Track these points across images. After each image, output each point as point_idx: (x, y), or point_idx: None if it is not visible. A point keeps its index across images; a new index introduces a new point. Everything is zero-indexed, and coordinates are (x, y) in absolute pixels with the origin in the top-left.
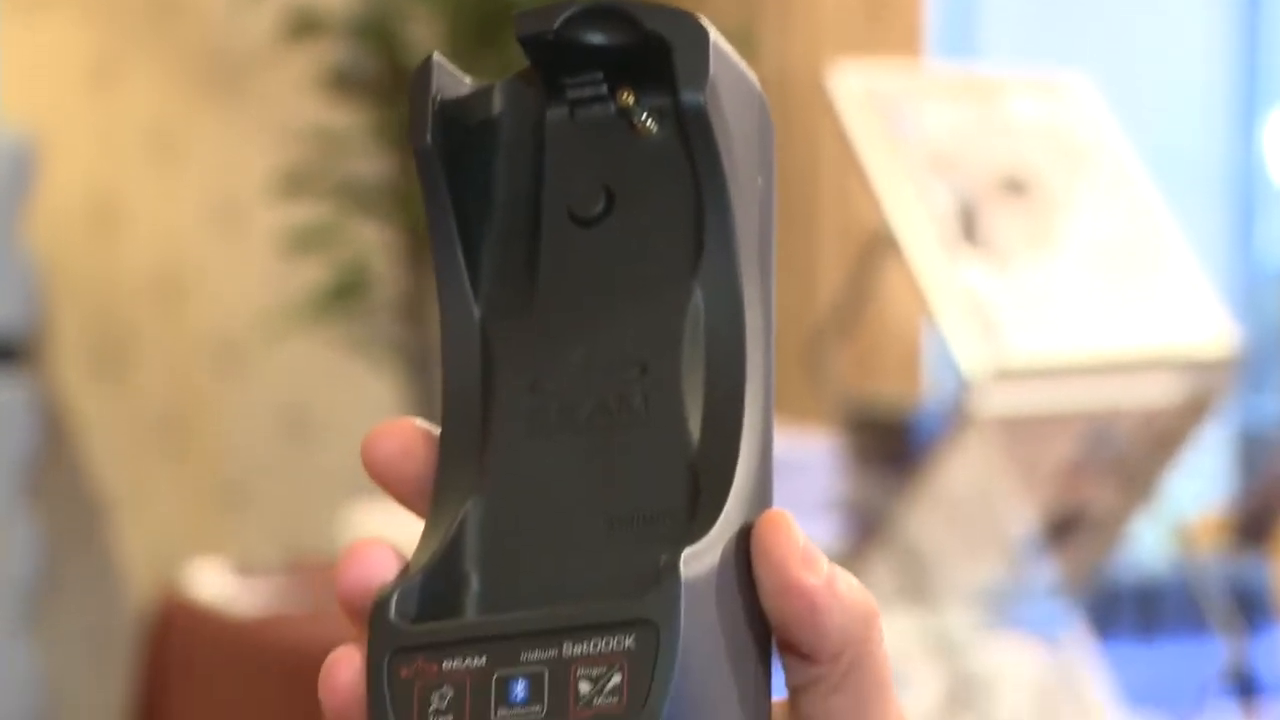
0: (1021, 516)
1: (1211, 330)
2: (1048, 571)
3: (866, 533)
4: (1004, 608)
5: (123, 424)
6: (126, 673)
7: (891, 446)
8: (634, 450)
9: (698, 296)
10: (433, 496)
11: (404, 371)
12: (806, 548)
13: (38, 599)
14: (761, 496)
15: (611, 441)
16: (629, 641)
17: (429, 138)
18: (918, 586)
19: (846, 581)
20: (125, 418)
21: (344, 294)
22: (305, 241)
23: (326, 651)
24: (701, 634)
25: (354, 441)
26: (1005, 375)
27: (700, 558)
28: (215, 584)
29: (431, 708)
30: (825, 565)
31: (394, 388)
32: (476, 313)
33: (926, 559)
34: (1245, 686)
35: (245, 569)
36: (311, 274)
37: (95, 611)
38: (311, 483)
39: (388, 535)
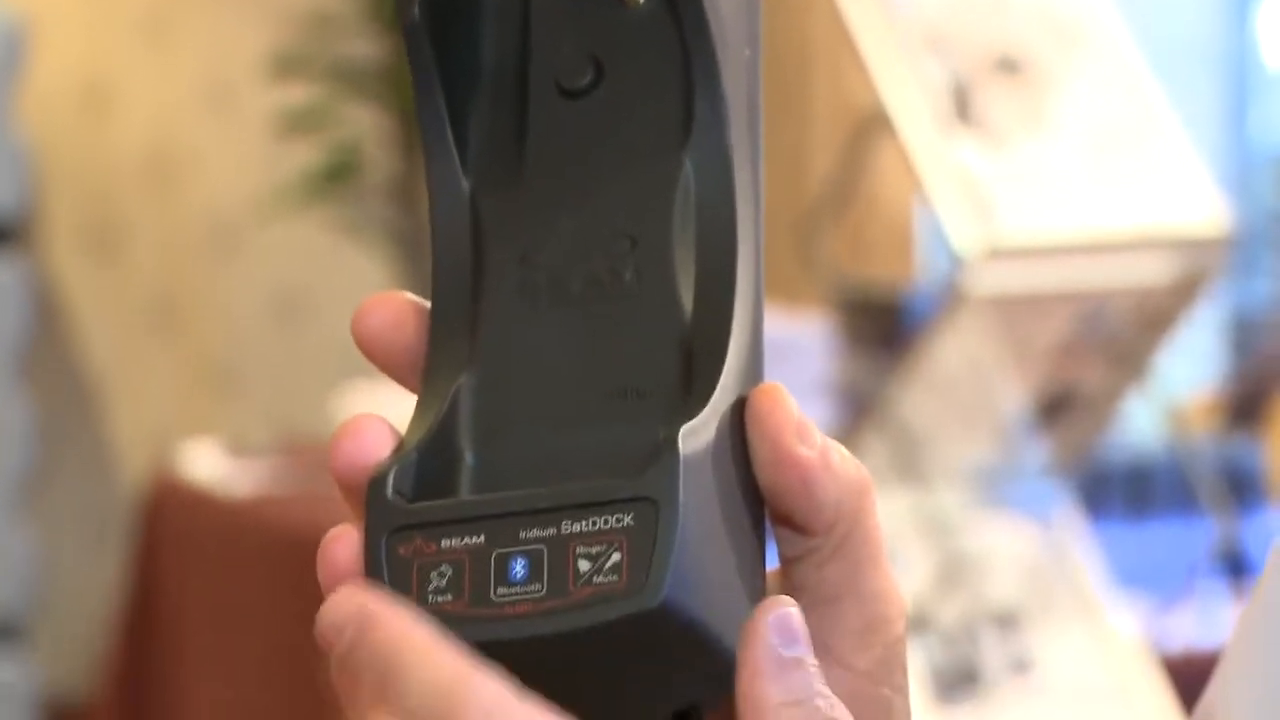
0: (1013, 396)
1: (1204, 210)
2: (1039, 451)
3: (859, 413)
4: (995, 487)
5: (115, 306)
6: (121, 554)
7: (884, 327)
8: (626, 324)
9: (687, 168)
10: (424, 372)
11: (396, 254)
12: (801, 420)
13: (32, 481)
14: (755, 370)
15: (603, 315)
16: (628, 519)
17: (415, 12)
18: (909, 466)
19: (840, 454)
20: (118, 300)
21: (336, 176)
22: (297, 123)
23: (321, 532)
24: (700, 509)
25: (346, 324)
26: (998, 254)
27: (697, 433)
28: (209, 465)
29: (430, 586)
30: (819, 438)
31: (386, 270)
32: (465, 186)
33: (918, 439)
34: (1236, 567)
35: (238, 450)
36: (304, 156)
37: (89, 494)
38: (304, 365)
39: (383, 413)
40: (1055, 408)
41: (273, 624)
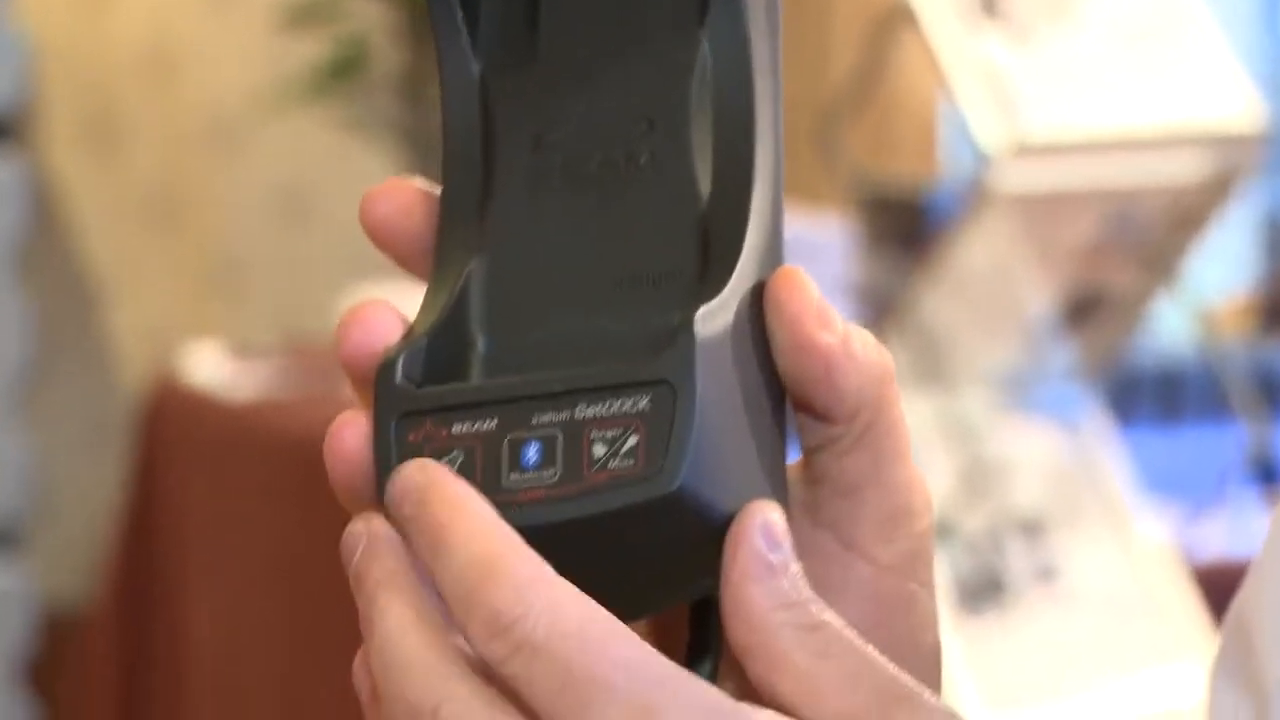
0: (1039, 298)
1: (1238, 106)
2: (1066, 355)
3: (880, 315)
4: (1021, 391)
5: (114, 204)
6: (120, 459)
7: (906, 226)
8: (642, 207)
9: (705, 48)
10: (434, 257)
11: (403, 151)
12: (821, 305)
13: (29, 383)
14: (774, 254)
15: (618, 198)
16: (644, 403)
17: None
18: (933, 370)
19: (862, 339)
20: (117, 197)
21: (341, 71)
22: (302, 16)
23: (325, 437)
24: (717, 394)
25: (352, 223)
26: (1024, 151)
27: (714, 316)
28: (211, 367)
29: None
30: (840, 323)
31: (393, 168)
32: (475, 67)
33: (942, 341)
34: (1267, 473)
35: (241, 352)
36: (308, 50)
37: (87, 396)
38: (309, 264)
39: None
40: (1083, 310)
41: (276, 530)
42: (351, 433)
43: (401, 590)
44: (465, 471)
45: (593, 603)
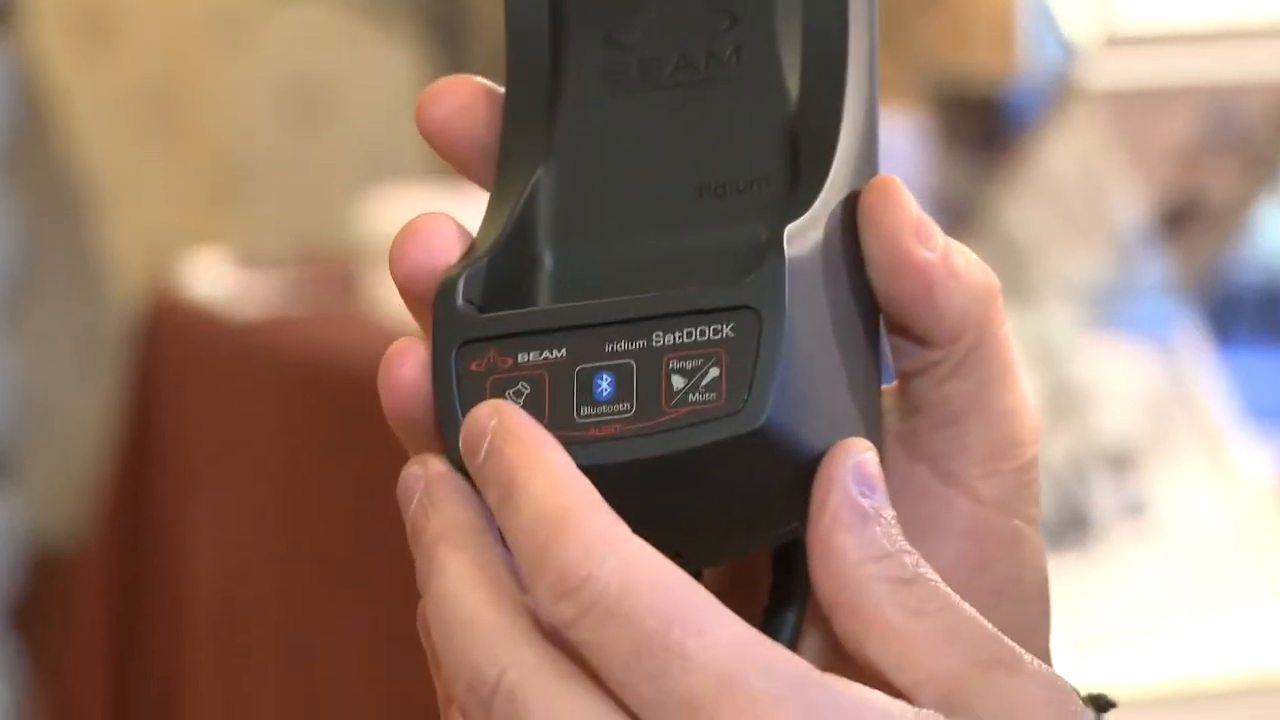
0: (1130, 204)
1: None
2: (1160, 267)
3: (956, 224)
4: (1110, 307)
5: (110, 100)
6: (115, 381)
7: (985, 126)
8: (723, 111)
9: None
10: (498, 165)
11: (430, 42)
12: (920, 219)
13: (17, 297)
14: (868, 162)
15: (698, 100)
16: (728, 330)
17: None
18: (1015, 282)
19: (965, 256)
20: (113, 93)
21: None
22: None
23: (340, 357)
24: (808, 320)
25: (370, 122)
26: (1115, 42)
27: (804, 233)
28: (215, 281)
29: None
30: (940, 238)
31: (417, 60)
32: None
33: (1024, 252)
34: None
35: (248, 263)
36: None
37: (80, 312)
38: (322, 167)
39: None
40: (1178, 218)
41: (287, 459)
42: (408, 363)
43: (463, 543)
44: (532, 405)
45: (669, 563)
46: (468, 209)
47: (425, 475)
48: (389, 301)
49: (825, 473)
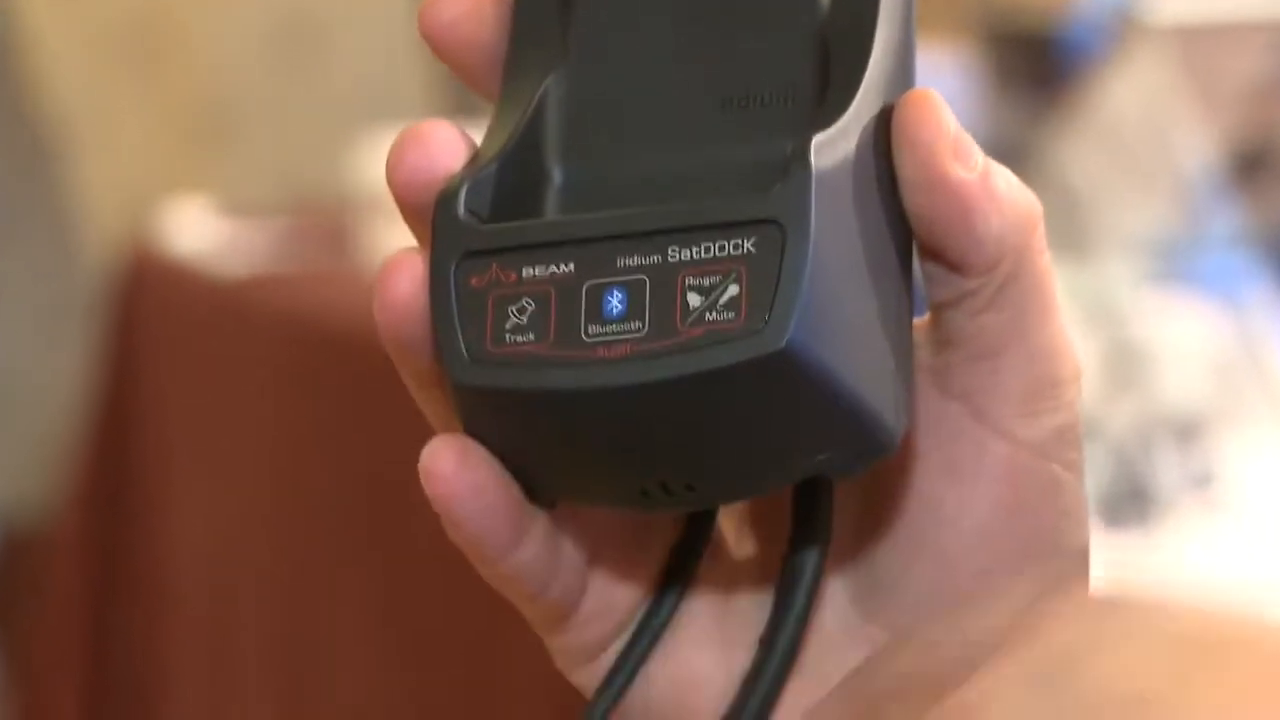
0: (1197, 148)
1: None
2: (1229, 217)
3: (1009, 169)
4: (1175, 261)
5: (82, 36)
6: (88, 344)
7: (1039, 64)
8: (748, 15)
9: None
10: (505, 72)
11: None
12: (958, 135)
13: None
14: (903, 74)
15: (723, 5)
16: (748, 245)
17: None
18: (1071, 235)
19: (1005, 178)
20: (84, 28)
21: None
22: None
23: (336, 317)
24: (834, 237)
25: (364, 57)
26: None
27: (833, 145)
28: (196, 231)
29: (508, 324)
30: (980, 157)
31: None
32: None
33: (1081, 200)
34: None
35: (233, 212)
36: None
37: (49, 268)
38: (313, 107)
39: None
40: (1249, 164)
41: (279, 429)
42: (404, 276)
43: None
44: (537, 323)
45: None
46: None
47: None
48: (387, 252)
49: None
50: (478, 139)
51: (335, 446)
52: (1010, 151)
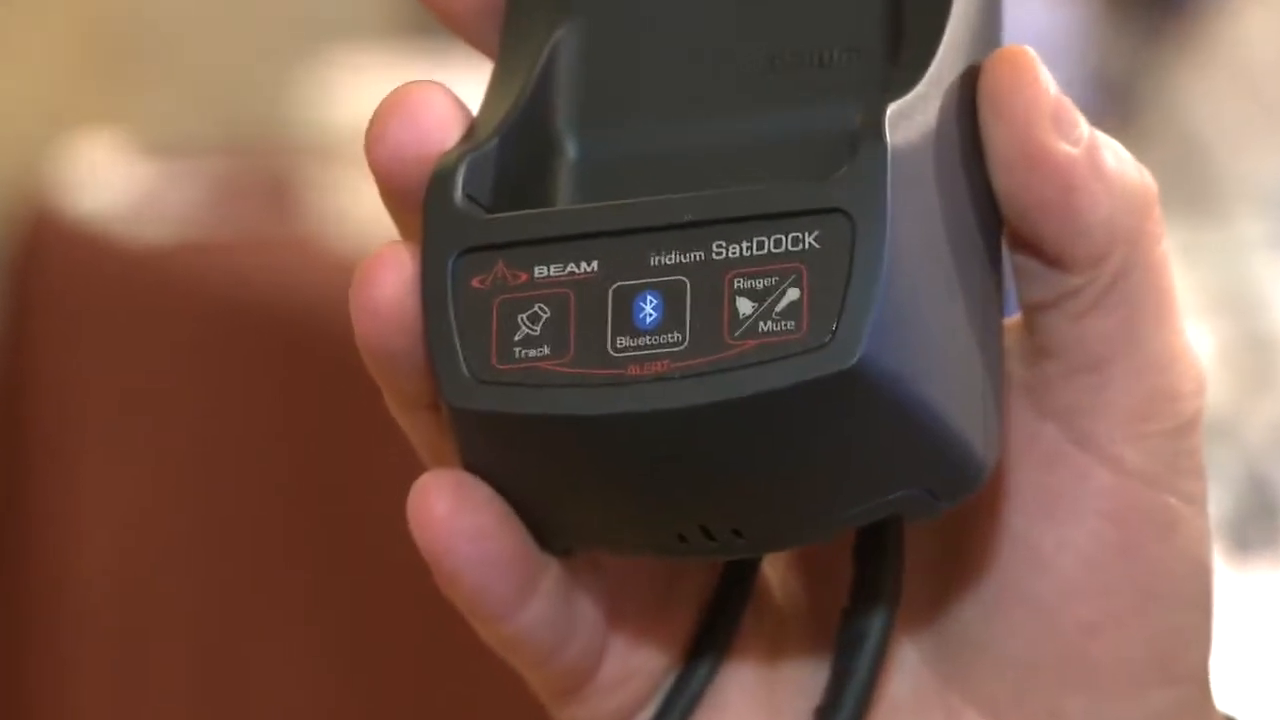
0: None
1: None
2: None
3: (1123, 117)
4: None
5: None
6: None
7: None
8: None
9: None
10: (505, 23)
11: None
12: (1058, 103)
13: None
14: (992, 24)
15: None
16: (810, 240)
17: None
18: (1196, 191)
19: (1115, 152)
20: None
21: None
22: None
23: (276, 291)
24: (914, 229)
25: None
26: None
27: (911, 116)
28: (107, 181)
29: (518, 336)
30: (1084, 128)
31: None
32: None
33: (1208, 151)
34: None
35: (152, 153)
36: None
37: None
38: (252, 27)
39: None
40: None
41: (205, 420)
42: (391, 276)
43: None
44: (553, 335)
45: None
46: (454, 86)
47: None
48: (343, 213)
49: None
50: (474, 102)
51: (274, 442)
52: (1123, 93)
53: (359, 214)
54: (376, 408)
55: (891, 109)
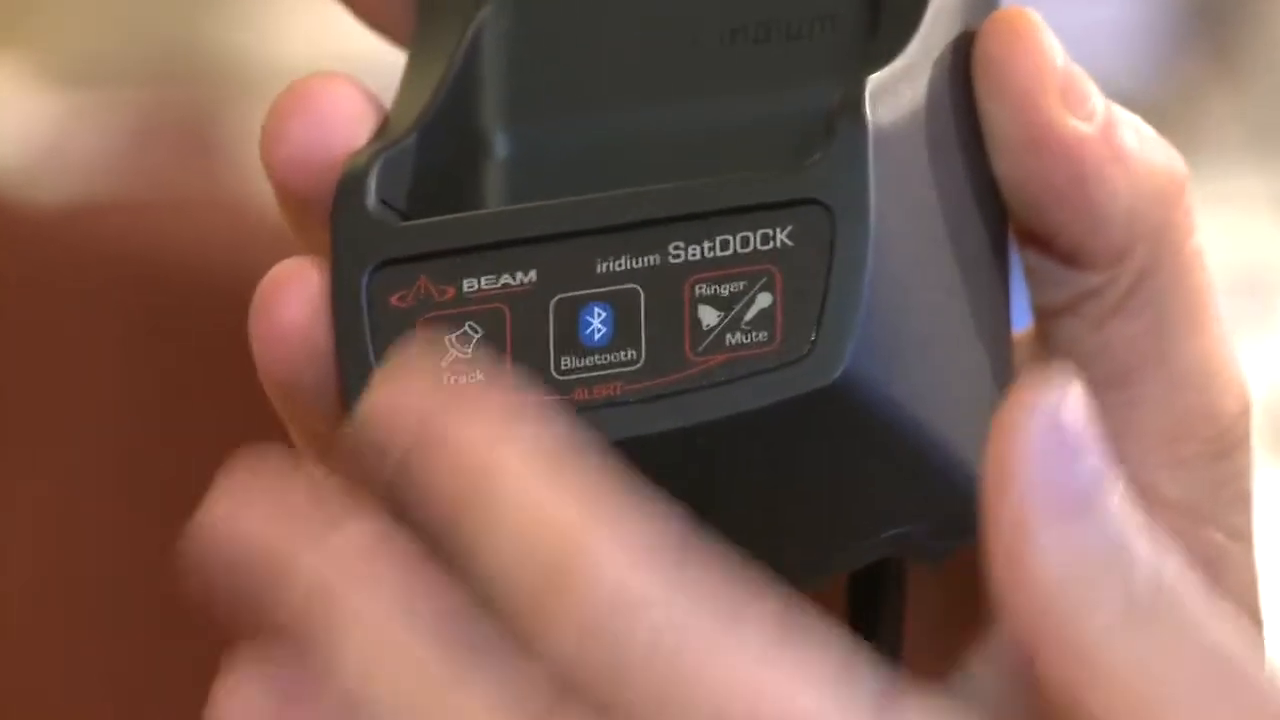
0: None
1: None
2: None
3: (1217, 48)
4: None
5: None
6: None
7: None
8: None
9: None
10: (419, 3)
11: None
12: (1067, 74)
13: None
14: None
15: None
16: (782, 237)
17: None
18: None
19: (1135, 129)
20: None
21: None
22: None
23: (196, 256)
24: (902, 223)
25: None
26: None
27: (896, 90)
28: (1, 122)
29: (448, 359)
30: (1099, 103)
31: None
32: None
33: None
34: None
35: (50, 81)
36: None
37: None
38: None
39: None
40: None
41: (124, 407)
42: (294, 297)
43: (385, 583)
44: (487, 357)
45: (762, 588)
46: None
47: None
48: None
49: (1003, 424)
50: (387, 98)
51: (195, 423)
52: (1212, 20)
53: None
54: None
55: (872, 83)
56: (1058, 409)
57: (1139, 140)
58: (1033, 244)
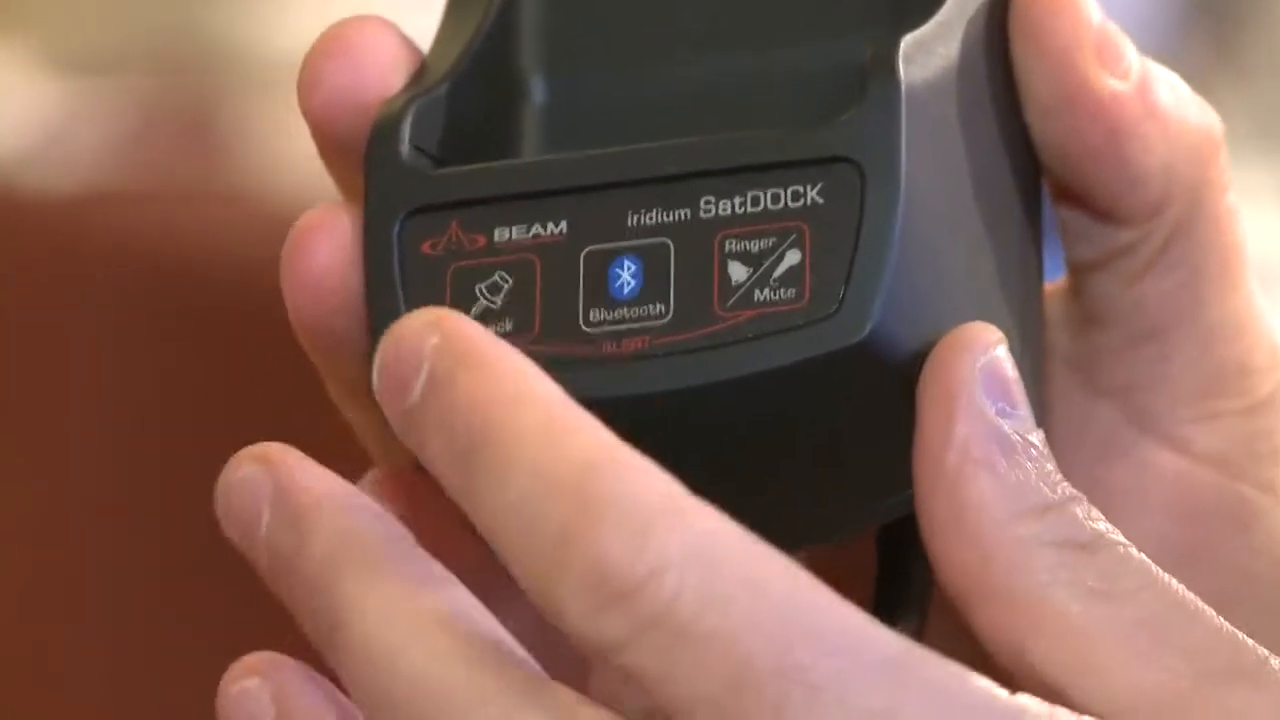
0: None
1: None
2: None
3: (1218, 39)
4: None
5: None
6: None
7: None
8: None
9: None
10: None
11: None
12: (1103, 31)
13: None
14: None
15: None
16: (813, 194)
17: None
18: None
19: (1171, 87)
20: None
21: None
22: None
23: (200, 250)
24: (934, 181)
25: None
26: None
27: (929, 49)
28: (3, 110)
29: (476, 308)
30: (1135, 60)
31: None
32: None
33: None
34: None
35: (50, 68)
36: None
37: None
38: None
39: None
40: None
41: (115, 390)
42: (326, 242)
43: (376, 560)
44: (516, 308)
45: (768, 547)
46: (413, 11)
47: (273, 476)
48: (278, 160)
49: (938, 383)
50: (421, 9)
51: (195, 419)
52: (1215, 11)
53: (298, 156)
54: (319, 386)
55: (906, 41)
56: (992, 364)
57: (1175, 97)
58: (1067, 200)
